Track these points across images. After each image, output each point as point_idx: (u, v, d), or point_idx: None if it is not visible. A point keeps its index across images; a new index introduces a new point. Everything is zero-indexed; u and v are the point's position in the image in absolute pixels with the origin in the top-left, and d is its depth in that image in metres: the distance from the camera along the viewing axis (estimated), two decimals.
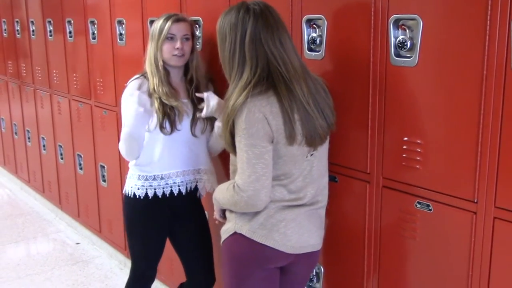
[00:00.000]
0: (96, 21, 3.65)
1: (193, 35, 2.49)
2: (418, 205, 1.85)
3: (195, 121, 2.49)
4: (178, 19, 2.43)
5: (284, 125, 1.82)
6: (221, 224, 2.08)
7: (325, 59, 2.09)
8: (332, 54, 2.07)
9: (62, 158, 4.56)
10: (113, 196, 3.79)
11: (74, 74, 4.07)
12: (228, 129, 1.85)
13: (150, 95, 2.44)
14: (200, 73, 2.53)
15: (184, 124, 2.46)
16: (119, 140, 3.52)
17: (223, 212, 2.11)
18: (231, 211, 1.98)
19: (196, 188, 2.60)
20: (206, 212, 2.70)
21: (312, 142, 1.88)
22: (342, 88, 2.04)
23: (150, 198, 2.49)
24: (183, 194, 2.54)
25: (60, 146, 4.56)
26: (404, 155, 1.87)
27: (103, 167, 3.88)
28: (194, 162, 2.54)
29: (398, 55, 1.84)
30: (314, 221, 2.00)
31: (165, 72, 2.44)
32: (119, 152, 3.54)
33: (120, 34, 3.39)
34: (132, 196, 2.53)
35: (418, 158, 1.82)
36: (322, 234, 2.03)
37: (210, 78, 2.60)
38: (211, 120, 2.53)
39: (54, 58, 4.38)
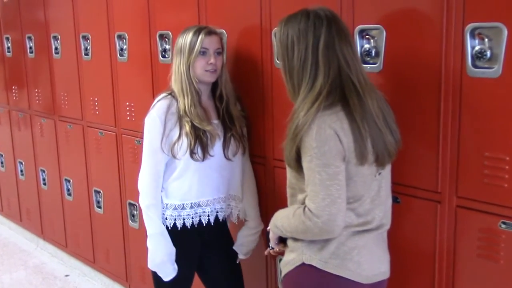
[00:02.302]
0: (89, 36, 3.40)
1: (223, 48, 2.31)
2: (503, 226, 1.73)
3: (227, 143, 2.30)
4: (210, 32, 2.24)
5: (355, 143, 1.67)
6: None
7: (384, 72, 1.96)
8: (392, 66, 1.94)
9: (45, 184, 4.24)
10: (111, 224, 3.53)
11: (62, 93, 3.79)
12: (295, 144, 1.68)
13: (179, 117, 2.23)
14: (229, 89, 2.35)
15: (216, 148, 2.27)
16: (119, 163, 3.33)
17: (278, 240, 1.93)
18: (295, 240, 1.80)
19: (225, 217, 2.41)
20: None
21: (382, 161, 1.74)
22: (405, 101, 1.91)
23: (179, 228, 2.28)
24: (212, 224, 2.34)
25: (43, 171, 4.24)
26: (485, 171, 1.74)
27: (98, 192, 3.61)
28: (226, 188, 2.35)
29: (475, 66, 1.72)
30: (381, 246, 1.85)
31: (197, 92, 2.25)
32: (119, 177, 3.35)
33: (121, 49, 3.16)
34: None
35: (504, 175, 1.70)
36: (389, 259, 1.89)
37: (237, 95, 2.42)
38: (242, 141, 2.35)
39: (36, 77, 4.08)
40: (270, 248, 1.98)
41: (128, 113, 3.18)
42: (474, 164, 1.77)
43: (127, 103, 3.17)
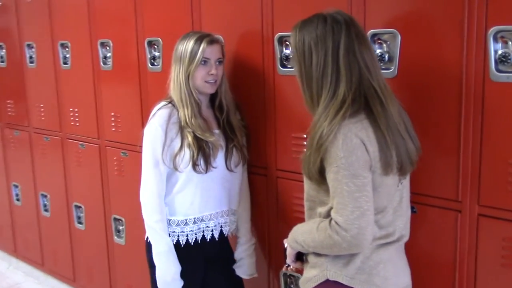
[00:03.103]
0: (68, 44, 3.25)
1: (223, 57, 2.21)
2: None
3: (230, 154, 2.20)
4: (212, 41, 2.13)
5: (380, 152, 1.60)
6: None
7: (399, 77, 1.89)
8: (408, 72, 1.87)
9: (18, 199, 4.03)
10: (94, 240, 3.37)
11: (38, 104, 3.60)
12: (320, 155, 1.59)
13: (180, 128, 2.12)
14: (229, 99, 2.25)
15: (218, 160, 2.17)
16: (102, 176, 3.18)
17: (296, 257, 1.83)
18: (318, 255, 1.71)
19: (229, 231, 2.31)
20: None
21: (405, 170, 1.68)
22: (422, 107, 1.84)
23: (182, 245, 2.15)
24: (216, 239, 2.23)
25: (16, 186, 4.03)
26: (509, 179, 1.69)
27: (79, 207, 3.44)
28: (227, 201, 2.25)
29: (499, 71, 1.67)
30: (403, 259, 1.79)
31: (197, 102, 2.14)
32: (103, 191, 3.19)
33: (105, 57, 3.02)
34: None
35: None
36: (410, 271, 1.82)
37: (236, 103, 2.31)
38: (244, 151, 2.26)
39: (9, 88, 3.88)
40: (287, 265, 1.88)
41: (113, 124, 3.03)
42: (498, 171, 1.71)
43: (112, 114, 3.03)
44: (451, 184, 1.82)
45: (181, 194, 2.15)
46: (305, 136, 2.19)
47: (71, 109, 3.33)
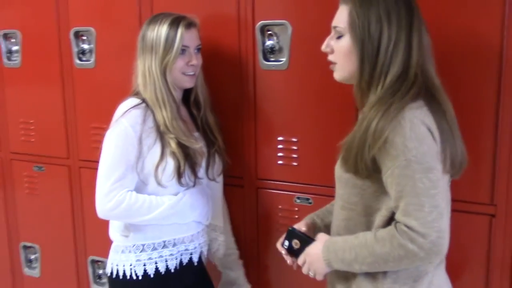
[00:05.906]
0: None
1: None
2: None
3: (212, 161, 1.85)
4: (189, 24, 1.76)
5: (443, 144, 1.35)
6: None
7: None
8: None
9: None
10: None
11: None
12: (377, 146, 1.30)
13: (160, 133, 1.71)
14: (206, 94, 1.90)
15: (201, 169, 1.82)
16: (6, 196, 2.62)
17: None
18: (372, 274, 1.40)
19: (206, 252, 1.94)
20: None
21: (458, 168, 1.44)
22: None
23: (163, 273, 1.75)
24: (195, 264, 1.84)
25: None
26: None
27: None
28: (206, 217, 1.87)
29: None
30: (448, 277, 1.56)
31: (175, 101, 1.75)
32: (7, 215, 2.62)
33: (9, 51, 2.47)
34: (137, 278, 1.75)
35: None
36: None
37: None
38: (225, 156, 1.91)
39: None
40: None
41: (23, 132, 2.49)
42: None
43: (22, 120, 2.48)
44: (484, 186, 1.65)
45: None
46: (294, 139, 1.89)
47: None
